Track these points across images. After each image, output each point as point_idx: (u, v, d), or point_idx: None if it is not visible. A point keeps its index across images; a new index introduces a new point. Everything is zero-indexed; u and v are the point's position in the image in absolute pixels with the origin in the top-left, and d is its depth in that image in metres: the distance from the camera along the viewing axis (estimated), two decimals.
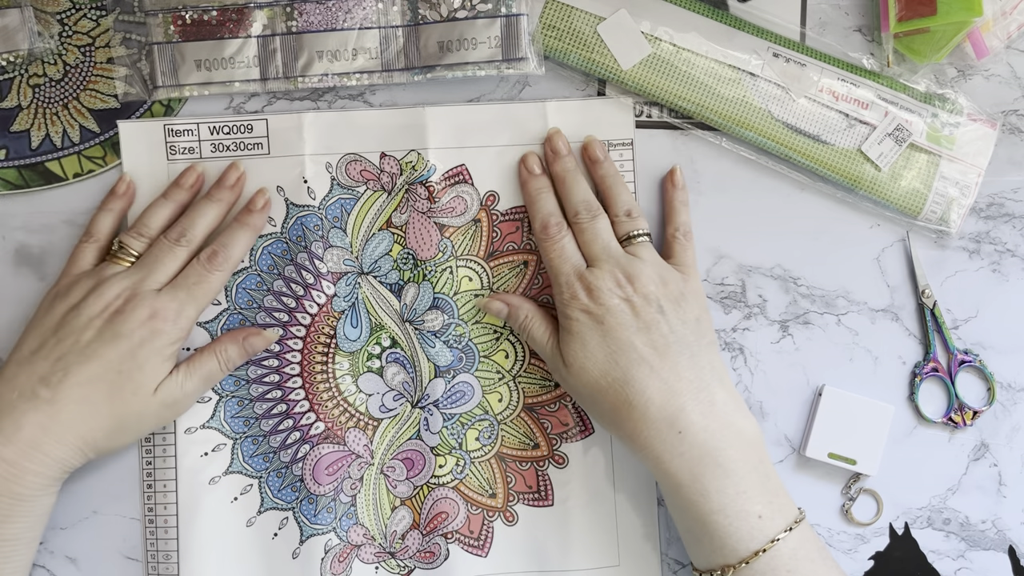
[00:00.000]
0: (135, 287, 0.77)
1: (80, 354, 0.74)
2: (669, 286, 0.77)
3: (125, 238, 0.79)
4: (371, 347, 0.84)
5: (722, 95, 0.83)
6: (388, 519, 0.84)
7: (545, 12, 0.83)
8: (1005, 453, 0.86)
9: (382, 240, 0.83)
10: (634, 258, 0.78)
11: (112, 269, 0.78)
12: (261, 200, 0.81)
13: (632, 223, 0.80)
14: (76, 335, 0.75)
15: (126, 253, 0.79)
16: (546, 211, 0.80)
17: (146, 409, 0.76)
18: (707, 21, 0.83)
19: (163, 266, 0.78)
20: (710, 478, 0.72)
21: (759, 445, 0.75)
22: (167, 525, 0.83)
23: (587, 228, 0.79)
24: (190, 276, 0.78)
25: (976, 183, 0.84)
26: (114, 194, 0.82)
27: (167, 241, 0.79)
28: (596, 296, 0.76)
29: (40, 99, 0.83)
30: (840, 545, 0.85)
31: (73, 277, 0.79)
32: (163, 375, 0.77)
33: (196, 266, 0.79)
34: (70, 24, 0.84)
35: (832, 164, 0.83)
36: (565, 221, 0.80)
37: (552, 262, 0.79)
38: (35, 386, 0.73)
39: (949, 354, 0.85)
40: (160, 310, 0.76)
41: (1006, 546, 0.86)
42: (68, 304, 0.76)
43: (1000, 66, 0.86)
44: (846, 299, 0.86)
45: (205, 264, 0.79)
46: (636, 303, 0.75)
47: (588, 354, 0.75)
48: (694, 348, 0.76)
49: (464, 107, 0.84)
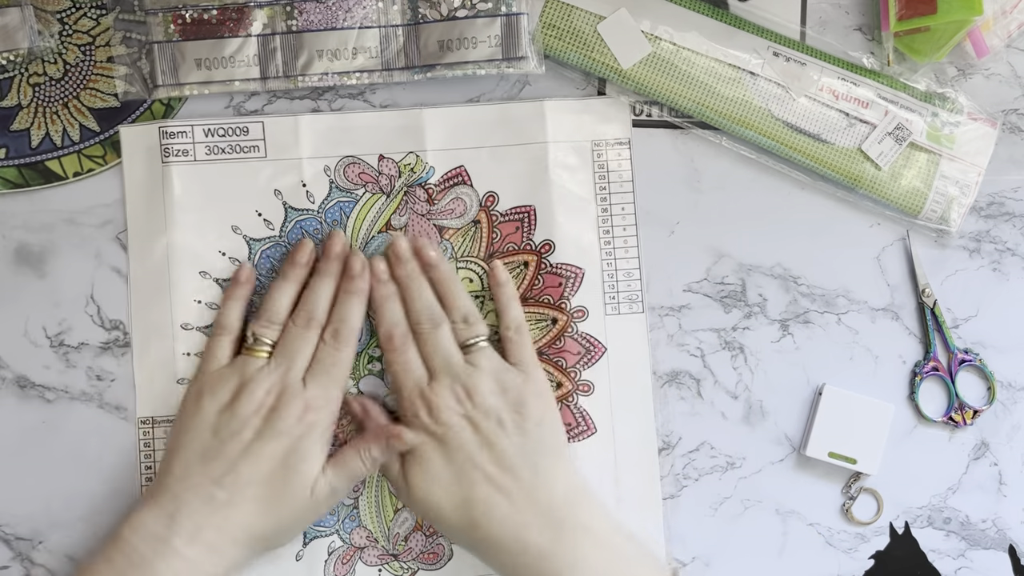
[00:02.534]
0: (282, 381, 0.77)
1: (246, 454, 0.75)
2: (509, 393, 0.78)
3: (258, 329, 0.80)
4: (372, 350, 0.84)
5: (722, 94, 0.83)
6: (391, 521, 0.84)
7: (545, 11, 0.83)
8: (1005, 452, 0.86)
9: (382, 243, 0.83)
10: (473, 369, 0.78)
11: (253, 364, 0.79)
12: (359, 264, 0.80)
13: (470, 330, 0.80)
14: (236, 436, 0.76)
15: (261, 344, 0.79)
16: (390, 321, 0.80)
17: (303, 505, 0.77)
18: (707, 20, 0.83)
19: (301, 354, 0.79)
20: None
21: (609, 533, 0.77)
22: None
23: (428, 339, 0.79)
24: (325, 360, 0.79)
25: (976, 182, 0.84)
26: (237, 282, 0.82)
27: (297, 328, 0.79)
28: (436, 414, 0.77)
29: (40, 98, 0.83)
30: (840, 544, 0.85)
31: (215, 374, 0.79)
32: (319, 467, 0.77)
33: (327, 349, 0.79)
34: (70, 23, 0.83)
35: (832, 163, 0.83)
36: (410, 332, 0.80)
37: (396, 375, 0.79)
38: (210, 488, 0.75)
39: (949, 353, 0.85)
40: (311, 402, 0.77)
41: (1006, 545, 0.86)
42: (218, 404, 0.77)
43: (1000, 65, 0.86)
44: (846, 298, 0.86)
45: (333, 344, 0.79)
46: (476, 419, 0.77)
47: (432, 477, 0.77)
48: (536, 457, 0.77)
49: (462, 108, 0.84)
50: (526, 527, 0.74)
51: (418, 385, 0.78)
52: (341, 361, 0.79)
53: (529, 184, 0.84)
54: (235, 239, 0.83)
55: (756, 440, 0.85)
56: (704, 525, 0.85)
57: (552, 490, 0.76)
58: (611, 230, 0.85)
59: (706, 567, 0.85)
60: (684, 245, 0.85)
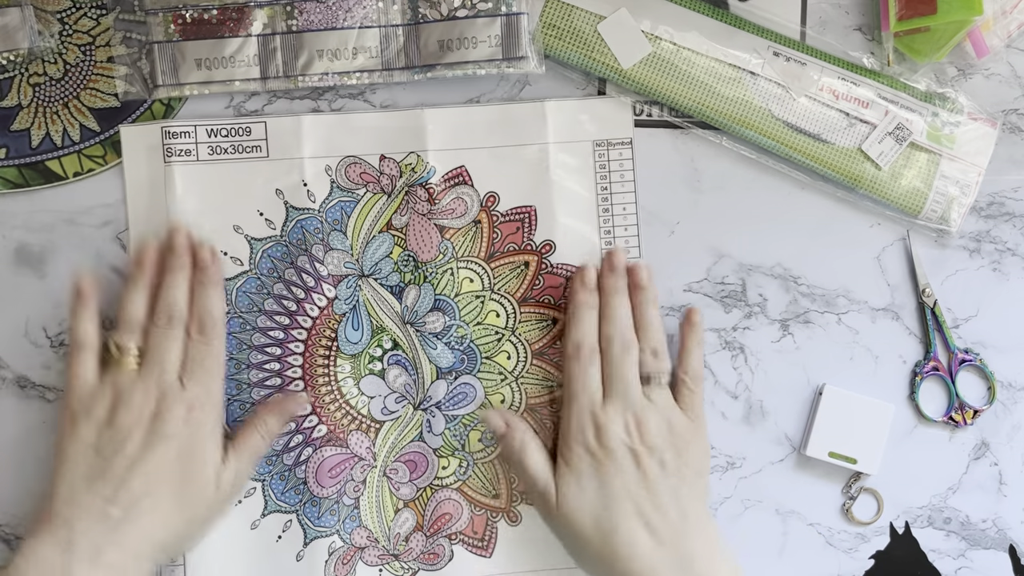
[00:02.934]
0: (158, 386, 0.76)
1: (133, 467, 0.73)
2: (676, 437, 0.78)
3: (119, 339, 0.77)
4: (372, 349, 0.84)
5: (722, 94, 0.83)
6: (391, 521, 0.84)
7: (545, 11, 0.83)
8: (1006, 452, 0.86)
9: (383, 242, 0.83)
10: (648, 403, 0.78)
11: (124, 375, 0.76)
12: (207, 253, 0.80)
13: (656, 364, 0.80)
14: (120, 451, 0.74)
15: (127, 353, 0.77)
16: (583, 331, 0.80)
17: (211, 501, 0.76)
18: (707, 20, 0.83)
19: (171, 354, 0.77)
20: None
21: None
22: None
23: (615, 361, 0.79)
24: (197, 356, 0.77)
25: (976, 182, 0.84)
26: (81, 294, 0.79)
27: (160, 328, 0.77)
28: (603, 438, 0.77)
29: (40, 98, 0.83)
30: (841, 544, 0.85)
31: (86, 394, 0.76)
32: (218, 460, 0.77)
33: (197, 345, 0.78)
34: (70, 23, 0.83)
35: (832, 163, 0.83)
36: (598, 346, 0.80)
37: (572, 386, 0.79)
38: (102, 507, 0.72)
39: (949, 353, 0.85)
40: (193, 401, 0.76)
41: (1007, 545, 0.86)
42: (95, 422, 0.75)
43: (1000, 65, 0.86)
44: (846, 298, 0.86)
45: (201, 339, 0.78)
46: (640, 452, 0.76)
47: (583, 495, 0.76)
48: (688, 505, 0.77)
49: (462, 108, 0.84)
50: (663, 570, 0.74)
51: (592, 403, 0.78)
52: (213, 354, 0.78)
53: (530, 184, 0.84)
54: (236, 239, 0.83)
55: (756, 440, 0.85)
56: None
57: (696, 540, 0.76)
58: (612, 230, 0.85)
59: None
60: (684, 245, 0.85)
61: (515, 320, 0.84)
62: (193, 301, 0.79)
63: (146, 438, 0.74)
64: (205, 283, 0.79)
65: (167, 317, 0.77)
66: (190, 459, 0.75)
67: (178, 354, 0.77)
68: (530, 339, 0.84)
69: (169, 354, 0.77)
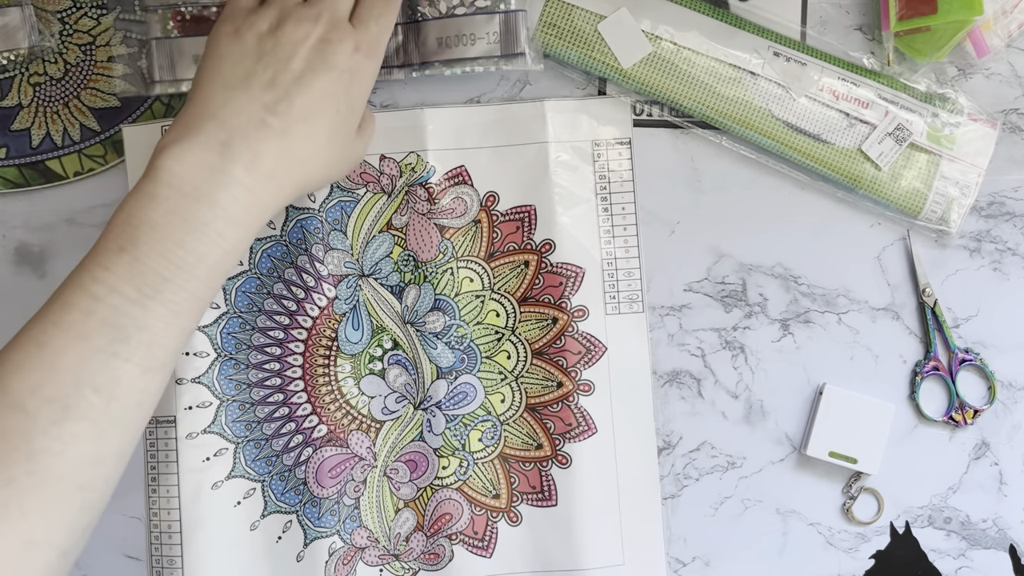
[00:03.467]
0: (328, 15, 0.71)
1: (298, 83, 0.69)
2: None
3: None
4: (373, 349, 0.84)
5: (723, 94, 0.83)
6: (392, 521, 0.84)
7: (546, 10, 0.83)
8: (1006, 452, 0.86)
9: (383, 242, 0.83)
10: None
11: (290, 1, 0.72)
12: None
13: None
14: (284, 63, 0.69)
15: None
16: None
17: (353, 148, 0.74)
18: (708, 20, 0.83)
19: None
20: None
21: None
22: (171, 531, 0.83)
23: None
24: (373, 8, 0.73)
25: (976, 183, 0.84)
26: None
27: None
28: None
29: (41, 98, 0.83)
30: (841, 544, 0.85)
31: (250, 9, 0.72)
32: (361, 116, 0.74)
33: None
34: (71, 23, 0.83)
35: (832, 163, 0.83)
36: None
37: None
38: (262, 114, 0.68)
39: (950, 353, 0.85)
40: (362, 43, 0.71)
41: (1007, 545, 0.86)
42: (258, 32, 0.70)
43: (1001, 65, 0.86)
44: (847, 298, 0.86)
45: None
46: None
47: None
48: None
49: (462, 108, 0.84)
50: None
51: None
52: (388, 16, 0.74)
53: (529, 184, 0.84)
54: None
55: (756, 440, 0.86)
56: (704, 525, 0.85)
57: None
58: (612, 229, 0.85)
59: (706, 567, 0.85)
60: (684, 245, 0.85)
61: (515, 320, 0.84)
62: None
63: (312, 59, 0.70)
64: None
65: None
66: (348, 99, 0.71)
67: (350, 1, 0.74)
68: (530, 338, 0.84)
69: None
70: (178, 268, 0.64)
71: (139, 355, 0.63)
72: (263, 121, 0.67)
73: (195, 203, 0.64)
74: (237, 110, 0.67)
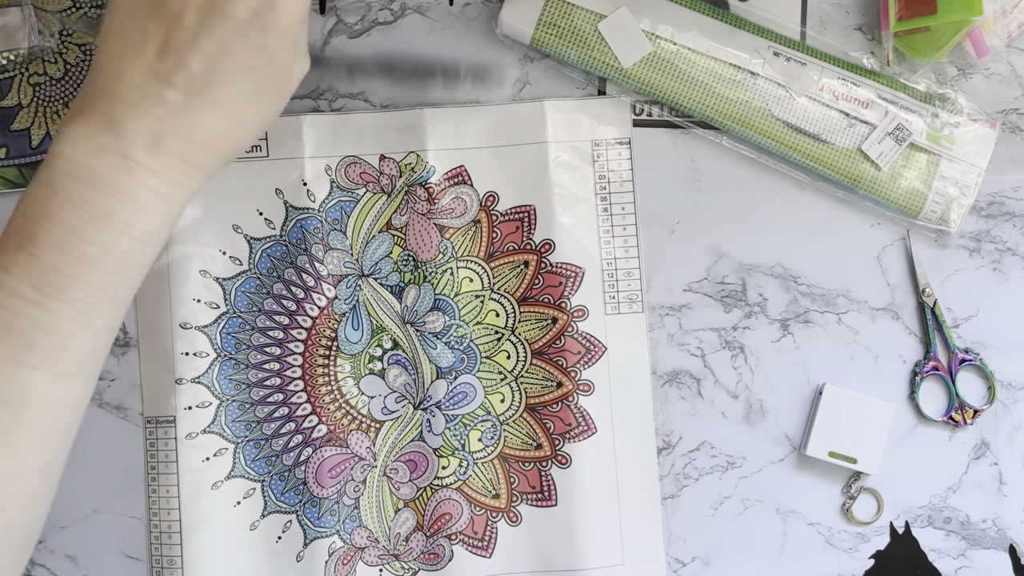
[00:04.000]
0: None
1: (192, 45, 0.58)
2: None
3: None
4: (372, 349, 0.84)
5: (723, 94, 0.83)
6: (392, 521, 0.84)
7: (546, 10, 0.82)
8: (1006, 452, 0.86)
9: (382, 242, 0.83)
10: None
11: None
12: None
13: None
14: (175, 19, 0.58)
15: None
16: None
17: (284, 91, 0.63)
18: (708, 20, 0.83)
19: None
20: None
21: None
22: (171, 531, 0.83)
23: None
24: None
25: (976, 183, 0.84)
26: None
27: None
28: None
29: (40, 98, 0.83)
30: (841, 544, 0.85)
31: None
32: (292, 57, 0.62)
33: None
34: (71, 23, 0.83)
35: (832, 163, 0.83)
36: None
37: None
38: (159, 87, 0.58)
39: (949, 353, 0.85)
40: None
41: (1007, 545, 0.86)
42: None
43: (1000, 65, 0.86)
44: (846, 298, 0.86)
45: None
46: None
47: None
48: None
49: (462, 108, 0.84)
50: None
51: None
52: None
53: (529, 184, 0.84)
54: (236, 238, 0.83)
55: (756, 440, 0.86)
56: (704, 525, 0.85)
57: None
58: (611, 229, 0.85)
59: (706, 567, 0.85)
60: (684, 244, 0.85)
61: (515, 319, 0.84)
62: None
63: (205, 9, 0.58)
64: None
65: None
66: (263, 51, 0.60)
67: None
68: (530, 338, 0.84)
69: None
70: (81, 263, 0.57)
71: (47, 361, 0.57)
72: (160, 95, 0.58)
73: (94, 190, 0.57)
74: (131, 83, 0.58)
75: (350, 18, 0.85)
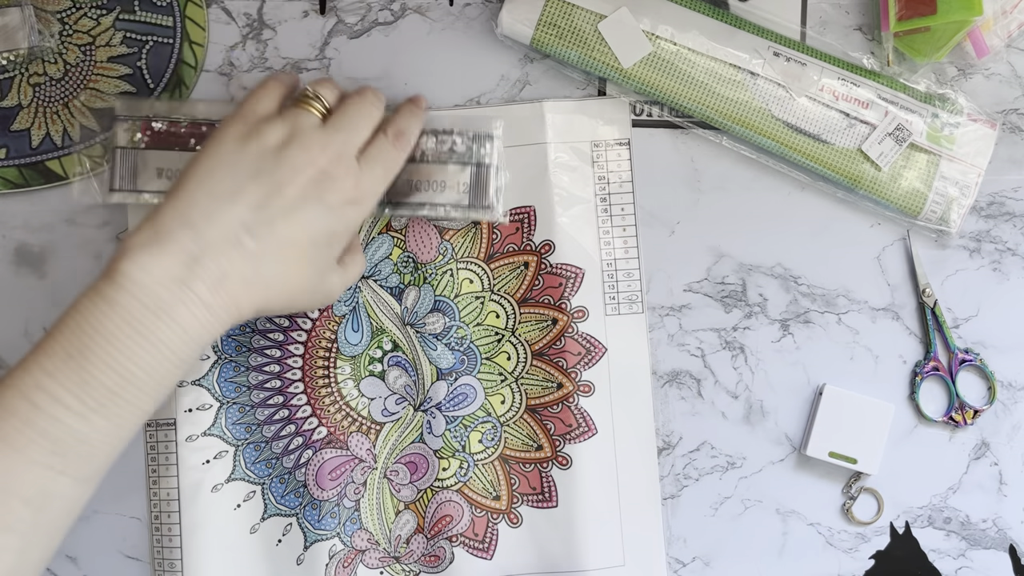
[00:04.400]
0: (338, 147, 0.69)
1: (285, 211, 0.66)
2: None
3: (316, 86, 0.72)
4: (372, 351, 0.84)
5: (723, 94, 0.83)
6: (392, 523, 0.84)
7: (546, 10, 0.82)
8: (1006, 452, 0.86)
9: (382, 244, 0.83)
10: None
11: (307, 119, 0.70)
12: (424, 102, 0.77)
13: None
14: (279, 187, 0.66)
15: (319, 102, 0.71)
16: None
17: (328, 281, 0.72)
18: (707, 20, 0.83)
19: (360, 131, 0.71)
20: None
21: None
22: (171, 533, 0.83)
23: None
24: (382, 153, 0.72)
25: (976, 183, 0.84)
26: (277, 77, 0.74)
27: (363, 101, 0.72)
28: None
29: (40, 98, 0.83)
30: (841, 544, 0.85)
31: (262, 116, 0.69)
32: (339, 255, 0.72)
33: (386, 144, 0.72)
34: (71, 23, 0.83)
35: (832, 163, 0.83)
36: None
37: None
38: (240, 233, 0.64)
39: (950, 353, 0.85)
40: (362, 184, 0.70)
41: (1007, 545, 0.86)
42: (263, 146, 0.67)
43: (1000, 65, 0.86)
44: (847, 298, 0.86)
45: (394, 143, 0.73)
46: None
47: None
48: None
49: (462, 108, 0.84)
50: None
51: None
52: (395, 163, 0.73)
53: (529, 184, 0.84)
54: None
55: (756, 440, 0.86)
56: (704, 525, 0.85)
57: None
58: (611, 230, 0.85)
59: (706, 567, 0.85)
60: (684, 245, 0.85)
61: (515, 321, 0.84)
62: (397, 113, 0.75)
63: (306, 191, 0.67)
64: (415, 109, 0.76)
65: (373, 94, 0.73)
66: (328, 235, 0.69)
67: (366, 135, 0.72)
68: (530, 339, 0.84)
69: (360, 127, 0.71)
70: (126, 382, 0.61)
71: (74, 467, 0.60)
72: (239, 240, 0.64)
73: (154, 317, 0.61)
74: (217, 224, 0.64)
75: (350, 18, 0.85)
